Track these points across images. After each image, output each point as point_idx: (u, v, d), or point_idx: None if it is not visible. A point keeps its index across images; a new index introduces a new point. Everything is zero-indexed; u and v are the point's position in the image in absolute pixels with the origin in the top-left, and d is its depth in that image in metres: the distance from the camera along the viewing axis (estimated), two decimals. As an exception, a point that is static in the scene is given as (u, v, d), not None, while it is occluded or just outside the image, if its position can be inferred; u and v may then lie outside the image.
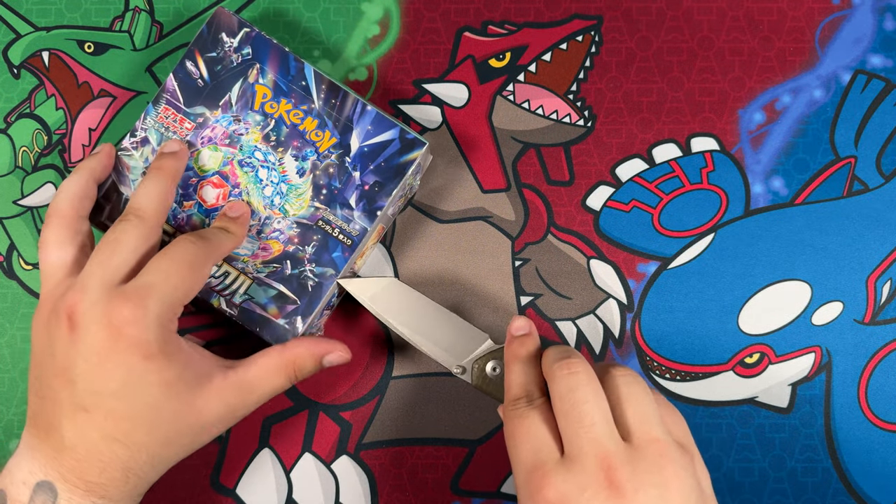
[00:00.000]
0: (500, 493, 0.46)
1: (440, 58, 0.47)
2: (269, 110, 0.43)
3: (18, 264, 0.47)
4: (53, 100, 0.47)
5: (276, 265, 0.42)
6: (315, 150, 0.43)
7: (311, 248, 0.42)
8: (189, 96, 0.43)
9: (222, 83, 0.43)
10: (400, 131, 0.42)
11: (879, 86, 0.47)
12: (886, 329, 0.46)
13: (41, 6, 0.48)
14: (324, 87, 0.43)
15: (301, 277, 0.42)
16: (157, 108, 0.43)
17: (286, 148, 0.43)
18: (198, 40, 0.43)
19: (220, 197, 0.43)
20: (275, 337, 0.42)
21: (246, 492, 0.46)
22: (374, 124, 0.42)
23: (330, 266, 0.42)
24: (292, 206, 0.43)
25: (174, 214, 0.43)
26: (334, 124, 0.42)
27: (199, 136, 0.43)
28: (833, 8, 0.47)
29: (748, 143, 0.47)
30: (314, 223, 0.42)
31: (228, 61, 0.43)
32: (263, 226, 0.43)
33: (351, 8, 0.47)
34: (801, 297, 0.46)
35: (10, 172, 0.47)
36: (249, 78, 0.43)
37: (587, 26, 0.47)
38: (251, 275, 0.42)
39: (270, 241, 0.42)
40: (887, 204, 0.46)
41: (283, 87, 0.43)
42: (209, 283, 0.42)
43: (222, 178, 0.43)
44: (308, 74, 0.43)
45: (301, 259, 0.42)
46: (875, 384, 0.45)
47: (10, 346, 0.46)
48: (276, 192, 0.43)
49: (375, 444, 0.46)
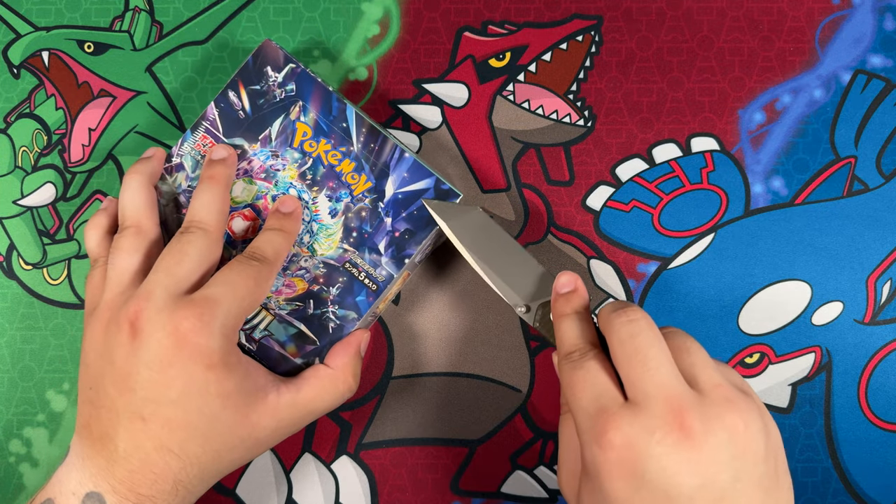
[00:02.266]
0: (500, 493, 0.46)
1: (440, 58, 0.47)
2: (308, 149, 0.42)
3: (18, 264, 0.47)
4: (53, 100, 0.47)
5: (298, 303, 0.42)
6: (349, 193, 0.42)
7: (336, 289, 0.42)
8: (229, 127, 0.43)
9: (264, 117, 0.43)
10: (436, 181, 0.42)
11: (879, 86, 0.47)
12: (886, 329, 0.46)
13: (41, 6, 0.48)
14: (364, 131, 0.42)
15: (322, 318, 0.42)
16: (195, 135, 0.43)
17: (321, 188, 0.42)
18: (242, 71, 0.43)
19: (249, 230, 0.42)
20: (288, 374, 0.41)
21: (246, 492, 0.46)
22: (410, 172, 0.42)
23: (352, 309, 0.42)
24: (321, 246, 0.42)
25: None
26: (371, 168, 0.42)
27: (236, 168, 0.43)
28: (833, 8, 0.47)
29: (748, 143, 0.47)
30: (341, 265, 0.42)
31: (271, 96, 0.43)
32: (290, 263, 0.42)
33: (351, 8, 0.47)
34: (802, 297, 0.46)
35: (9, 172, 0.47)
36: (291, 115, 0.42)
37: (587, 26, 0.47)
38: (273, 311, 0.42)
39: (296, 279, 0.42)
40: (887, 204, 0.46)
41: (324, 127, 0.42)
42: None
43: (254, 212, 0.43)
44: (350, 116, 0.42)
45: (325, 300, 0.42)
46: (875, 384, 0.45)
47: (10, 346, 0.46)
48: (307, 230, 0.42)
49: (375, 444, 0.46)
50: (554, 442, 0.46)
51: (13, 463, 0.46)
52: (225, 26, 0.47)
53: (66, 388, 0.46)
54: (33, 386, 0.46)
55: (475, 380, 0.46)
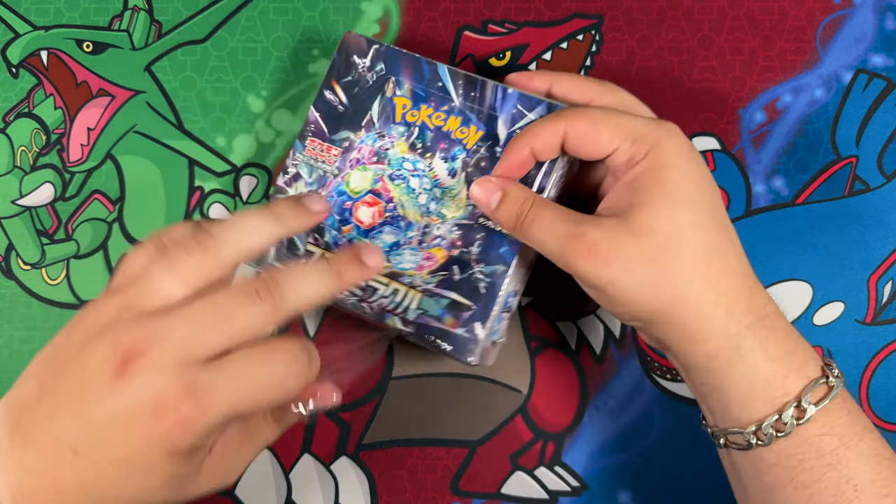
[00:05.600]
0: (500, 493, 0.45)
1: (440, 57, 0.47)
2: (411, 119, 0.42)
3: (17, 264, 0.47)
4: (52, 99, 0.47)
5: (443, 273, 0.40)
6: (463, 148, 0.41)
7: (477, 247, 0.40)
8: (332, 124, 0.43)
9: (362, 104, 0.42)
10: (548, 106, 0.39)
11: (881, 85, 0.47)
12: (888, 329, 0.46)
13: (40, 5, 0.47)
14: (461, 83, 0.41)
15: (472, 280, 0.40)
16: (304, 143, 0.43)
17: (433, 152, 0.41)
18: (332, 70, 0.43)
19: (375, 215, 0.42)
20: (458, 348, 0.39)
21: (245, 493, 0.46)
22: (518, 105, 0.40)
23: (499, 263, 0.40)
24: (449, 210, 0.41)
25: (335, 241, 0.42)
26: (478, 117, 0.41)
27: (347, 161, 0.42)
28: (834, 7, 0.47)
29: (749, 143, 0.46)
30: (474, 221, 0.40)
31: (364, 81, 0.42)
32: (424, 235, 0.41)
33: (350, 7, 0.47)
34: (803, 297, 0.46)
35: (8, 172, 0.47)
36: (387, 92, 0.42)
37: (588, 25, 0.47)
38: (420, 287, 0.41)
39: (433, 250, 0.41)
40: (889, 204, 0.46)
41: (422, 94, 0.42)
42: (381, 303, 0.41)
43: (375, 196, 0.42)
44: (443, 74, 0.41)
45: (468, 261, 0.40)
46: (876, 384, 0.45)
47: (9, 346, 0.46)
48: (431, 198, 0.41)
49: (375, 445, 0.46)
50: (554, 443, 0.46)
51: (11, 464, 0.46)
52: (224, 25, 0.47)
53: (65, 388, 0.46)
54: (32, 386, 0.46)
55: (475, 380, 0.46)
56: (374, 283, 0.41)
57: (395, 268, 0.41)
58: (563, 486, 0.46)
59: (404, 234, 0.42)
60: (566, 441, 0.46)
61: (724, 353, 0.34)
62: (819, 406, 0.33)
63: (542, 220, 0.36)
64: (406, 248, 0.41)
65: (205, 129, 0.47)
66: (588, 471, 0.46)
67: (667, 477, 0.45)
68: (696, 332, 0.34)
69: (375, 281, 0.41)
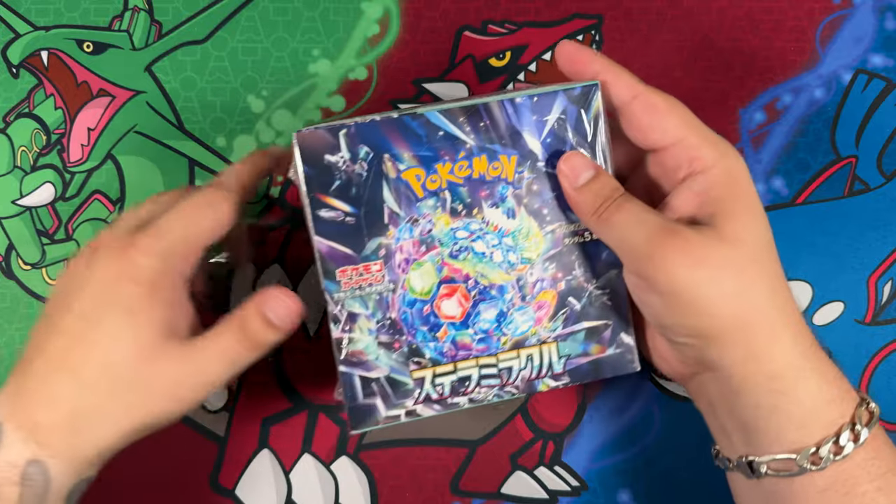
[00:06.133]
0: (500, 493, 0.45)
1: (440, 57, 0.47)
2: (433, 186, 0.36)
3: (17, 264, 0.47)
4: (52, 99, 0.47)
5: (563, 311, 0.38)
6: (506, 183, 0.36)
7: (580, 268, 0.38)
8: (352, 241, 0.36)
9: (371, 202, 0.36)
10: (564, 94, 0.36)
11: (880, 85, 0.47)
12: (887, 329, 0.46)
13: (40, 5, 0.47)
14: (463, 120, 0.36)
15: (593, 301, 0.38)
16: (334, 279, 0.36)
17: (478, 206, 0.36)
18: (309, 186, 0.35)
19: (461, 301, 0.37)
20: (616, 369, 0.38)
21: (245, 493, 0.46)
22: (536, 110, 0.36)
23: (609, 270, 0.38)
24: (530, 250, 0.37)
25: (440, 353, 0.38)
26: (502, 144, 0.36)
27: (395, 268, 0.37)
28: (834, 7, 0.47)
29: (749, 143, 0.46)
30: (561, 247, 0.37)
31: (357, 177, 0.36)
32: (522, 289, 0.37)
33: (351, 7, 0.47)
34: (803, 297, 0.46)
35: (8, 172, 0.47)
36: (390, 173, 0.36)
37: (587, 25, 0.47)
38: (550, 339, 0.38)
39: (540, 297, 0.38)
40: (888, 204, 0.46)
41: (429, 154, 0.36)
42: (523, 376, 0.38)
43: (449, 284, 0.37)
44: (438, 122, 0.35)
45: (580, 287, 0.38)
46: (876, 385, 0.45)
47: (9, 346, 0.46)
48: (505, 250, 0.37)
49: (375, 445, 0.46)
50: (554, 443, 0.46)
51: (12, 463, 0.46)
52: (224, 25, 0.47)
53: (65, 388, 0.46)
54: (32, 386, 0.46)
55: (475, 380, 0.46)
56: (505, 362, 0.38)
57: (514, 337, 0.38)
58: (563, 486, 0.46)
59: (503, 301, 0.38)
60: (566, 441, 0.46)
61: (790, 372, 0.33)
62: (870, 429, 0.33)
63: (632, 207, 0.34)
64: (513, 311, 0.38)
65: (205, 129, 0.47)
66: (588, 471, 0.46)
67: (667, 477, 0.45)
68: (765, 351, 0.33)
69: (505, 360, 0.38)
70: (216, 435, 0.46)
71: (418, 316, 0.37)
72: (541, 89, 0.36)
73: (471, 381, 0.38)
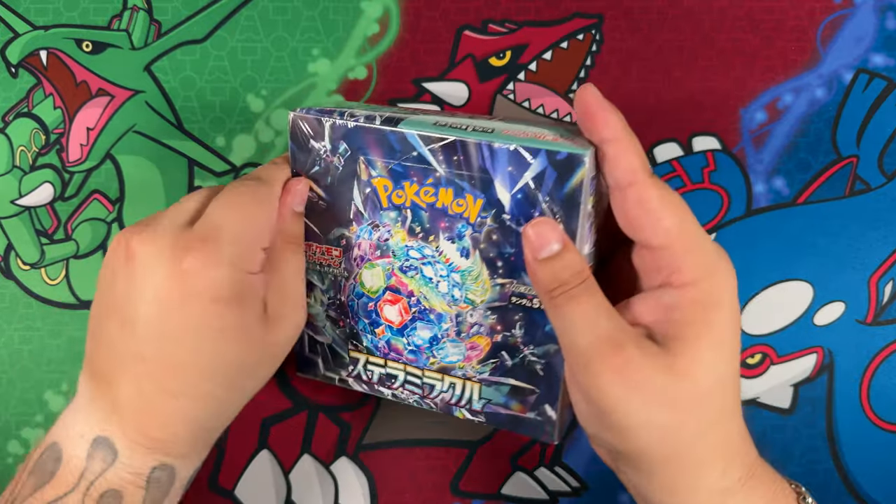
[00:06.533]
0: (500, 494, 0.45)
1: (440, 56, 0.47)
2: (398, 200, 0.36)
3: (16, 264, 0.47)
4: (51, 99, 0.47)
5: (493, 360, 0.37)
6: (467, 223, 0.35)
7: (520, 329, 0.36)
8: (321, 222, 0.38)
9: (341, 194, 0.37)
10: (546, 155, 0.33)
11: (881, 85, 0.47)
12: (888, 329, 0.46)
13: (39, 5, 0.47)
14: (438, 149, 0.35)
15: (525, 364, 0.36)
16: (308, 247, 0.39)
17: (436, 234, 0.36)
18: (294, 161, 0.38)
19: (402, 312, 0.38)
20: (533, 432, 0.37)
21: (245, 493, 0.45)
22: (513, 162, 0.33)
23: (549, 342, 0.36)
24: (476, 294, 0.36)
25: (374, 345, 0.39)
26: (471, 184, 0.35)
27: (351, 260, 0.38)
28: (834, 7, 0.47)
29: (750, 143, 0.46)
30: (507, 302, 0.36)
31: (333, 168, 0.37)
32: (459, 325, 0.37)
33: (350, 6, 0.47)
34: (803, 298, 0.46)
35: (7, 172, 0.47)
36: (362, 175, 0.37)
37: (588, 24, 0.47)
38: (475, 378, 0.37)
39: (474, 339, 0.37)
40: (889, 204, 0.46)
41: (399, 170, 0.36)
42: (443, 398, 0.39)
43: (394, 293, 0.38)
44: (415, 142, 0.35)
45: (515, 345, 0.36)
46: (877, 385, 0.45)
47: (8, 346, 0.46)
48: (452, 284, 0.36)
49: (375, 446, 0.46)
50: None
51: (11, 464, 0.46)
52: (224, 25, 0.47)
53: (65, 388, 0.46)
54: (31, 387, 0.46)
55: (475, 380, 0.46)
56: (429, 379, 0.39)
57: (442, 362, 0.38)
58: (563, 487, 0.46)
59: (439, 328, 0.38)
60: (566, 441, 0.46)
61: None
62: None
63: (587, 303, 0.32)
64: (446, 340, 0.38)
65: (204, 128, 0.47)
66: (588, 471, 0.46)
67: (667, 477, 0.45)
68: (685, 487, 0.32)
69: (430, 378, 0.39)
70: (215, 435, 0.46)
71: (363, 308, 0.39)
72: (524, 141, 0.33)
73: (396, 380, 0.40)
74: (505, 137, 0.34)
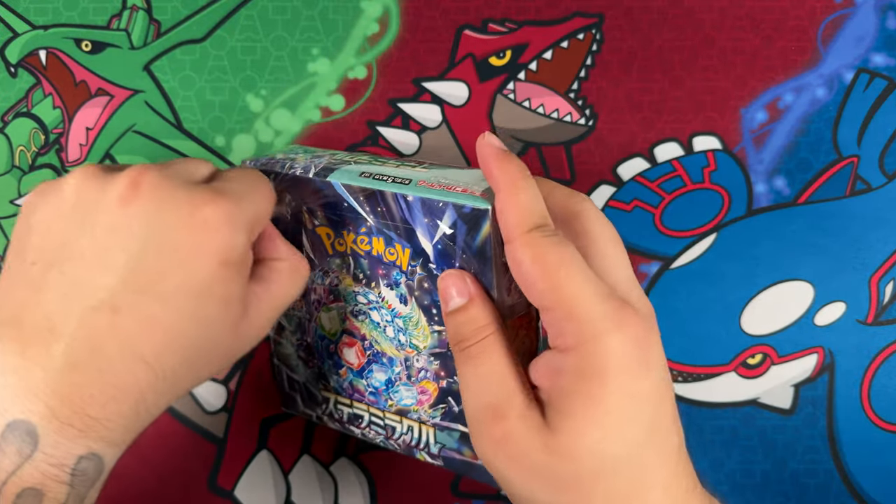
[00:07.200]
0: (500, 495, 0.45)
1: (440, 56, 0.47)
2: (340, 248, 0.37)
3: (15, 264, 0.47)
4: (51, 99, 0.47)
5: (442, 406, 0.37)
6: (400, 271, 0.35)
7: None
8: None
9: (294, 241, 0.38)
10: (454, 209, 0.32)
11: (882, 84, 0.47)
12: (889, 329, 0.46)
13: (38, 4, 0.47)
14: (362, 199, 0.35)
15: None
16: None
17: (376, 280, 0.36)
18: None
19: (358, 354, 0.38)
20: (488, 479, 0.36)
21: (244, 494, 0.45)
22: (427, 213, 0.33)
23: None
24: (418, 339, 0.36)
25: (340, 386, 0.40)
26: (397, 234, 0.34)
27: (310, 303, 0.39)
28: (835, 6, 0.47)
29: (750, 143, 0.46)
30: (447, 350, 0.35)
31: (284, 217, 0.38)
32: (408, 369, 0.37)
33: (350, 6, 0.47)
34: (804, 298, 0.46)
35: (7, 172, 0.47)
36: (307, 224, 0.37)
37: (588, 24, 0.47)
38: (429, 422, 0.38)
39: (423, 383, 0.37)
40: (890, 203, 0.46)
41: (335, 218, 0.36)
42: (404, 439, 0.39)
43: (350, 335, 0.39)
44: (341, 192, 0.35)
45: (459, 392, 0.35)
46: (878, 385, 0.45)
47: (7, 346, 0.46)
48: (397, 329, 0.36)
49: (375, 446, 0.46)
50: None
51: None
52: (223, 24, 0.47)
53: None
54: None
55: (475, 381, 0.46)
56: (390, 421, 0.39)
57: (398, 405, 0.38)
58: (563, 487, 0.45)
59: (392, 371, 0.38)
60: (567, 442, 0.46)
61: None
62: None
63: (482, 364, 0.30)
64: (399, 384, 0.38)
65: (204, 128, 0.47)
66: (588, 472, 0.46)
67: (668, 478, 0.45)
68: None
69: (391, 420, 0.39)
70: (215, 436, 0.46)
71: (325, 350, 0.40)
72: (433, 193, 0.32)
73: (363, 420, 0.40)
74: (419, 188, 0.33)
